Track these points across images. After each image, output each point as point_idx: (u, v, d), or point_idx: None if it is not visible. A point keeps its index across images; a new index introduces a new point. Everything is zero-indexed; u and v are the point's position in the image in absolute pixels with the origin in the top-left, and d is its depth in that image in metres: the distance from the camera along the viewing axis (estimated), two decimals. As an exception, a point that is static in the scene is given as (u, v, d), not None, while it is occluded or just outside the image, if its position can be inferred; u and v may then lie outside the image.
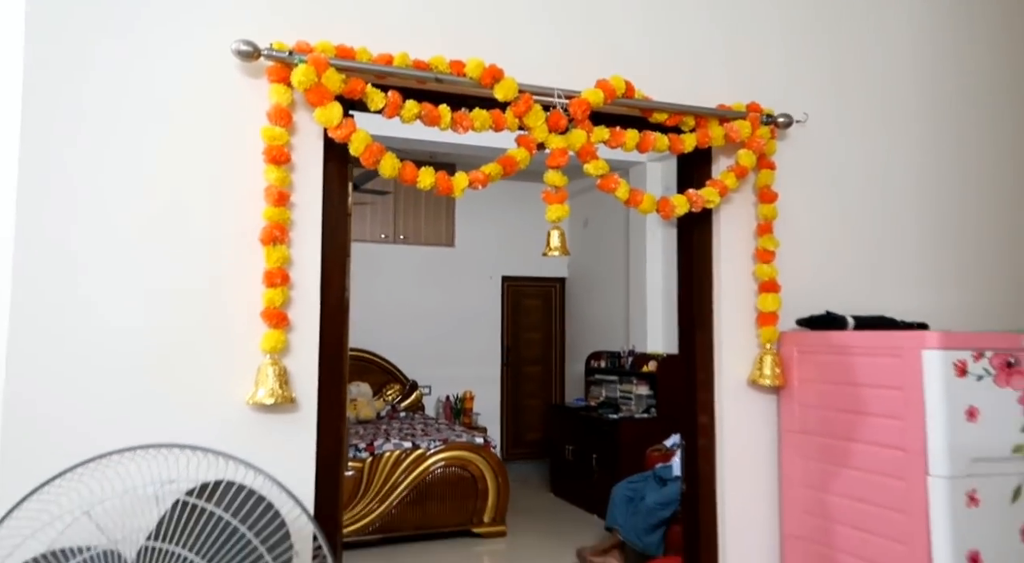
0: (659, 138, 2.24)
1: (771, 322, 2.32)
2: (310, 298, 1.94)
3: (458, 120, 2.04)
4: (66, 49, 1.76)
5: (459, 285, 7.05)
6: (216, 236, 1.86)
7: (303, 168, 1.95)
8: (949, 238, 2.74)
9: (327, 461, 1.95)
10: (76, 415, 1.68)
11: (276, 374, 1.83)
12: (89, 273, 1.75)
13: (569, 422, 5.90)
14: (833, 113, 2.57)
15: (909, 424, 1.85)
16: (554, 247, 2.16)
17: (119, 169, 1.79)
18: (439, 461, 4.79)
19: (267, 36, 1.88)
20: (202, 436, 1.71)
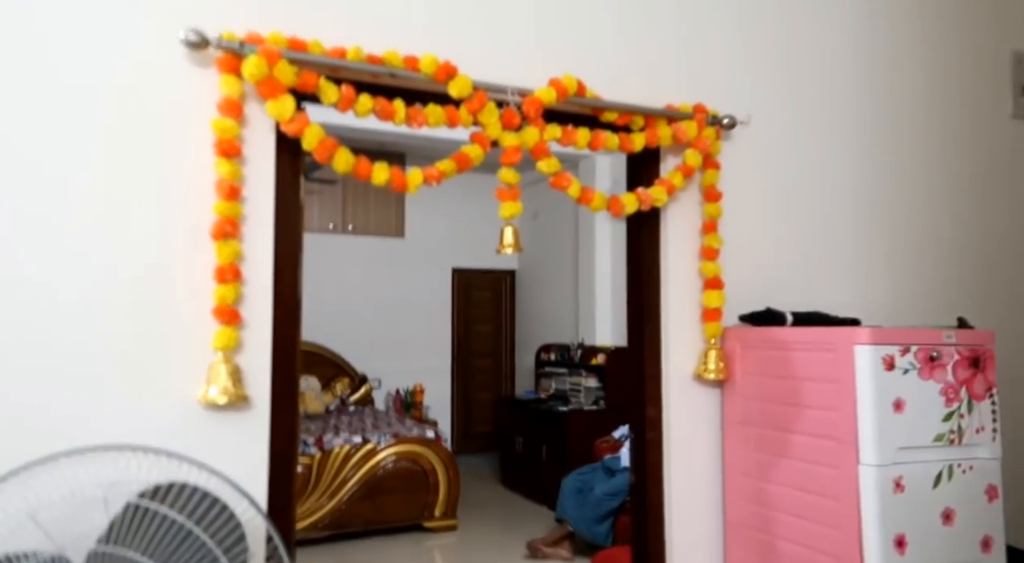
0: (610, 137, 2.29)
1: (715, 318, 2.41)
2: (263, 294, 1.92)
3: (412, 116, 2.04)
4: (5, 28, 1.69)
5: (409, 276, 7.01)
6: (165, 231, 1.82)
7: (255, 161, 1.92)
8: (880, 236, 2.88)
9: (280, 459, 1.94)
10: (21, 416, 1.63)
11: (228, 372, 1.81)
12: (29, 269, 1.69)
13: (519, 414, 5.97)
14: (775, 115, 2.67)
15: (842, 415, 1.96)
16: (507, 244, 2.19)
17: (62, 158, 1.74)
18: (390, 455, 4.78)
19: (217, 25, 1.84)
20: (154, 435, 1.68)
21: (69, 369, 1.70)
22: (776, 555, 2.17)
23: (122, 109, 1.80)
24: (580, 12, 2.39)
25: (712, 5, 2.61)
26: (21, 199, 1.70)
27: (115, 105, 1.80)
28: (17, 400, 1.64)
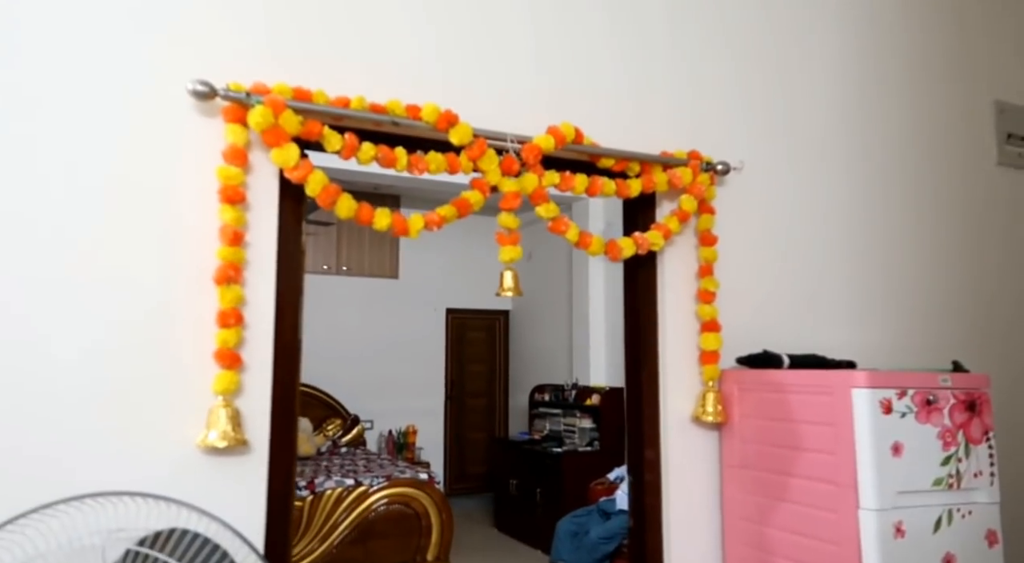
0: (606, 183, 2.34)
1: (713, 360, 2.43)
2: (263, 338, 1.92)
3: (414, 163, 2.08)
4: (20, 76, 1.73)
5: (403, 317, 7.01)
6: (169, 275, 1.84)
7: (258, 207, 1.95)
8: (874, 279, 2.93)
9: (278, 502, 1.93)
10: (18, 461, 1.61)
11: (228, 416, 1.80)
12: (34, 311, 1.69)
13: (513, 456, 5.91)
14: (769, 161, 2.74)
15: (840, 459, 1.96)
16: (507, 288, 2.22)
17: (70, 205, 1.76)
18: (382, 498, 4.71)
19: (223, 76, 1.89)
20: (153, 480, 1.67)
21: (69, 414, 1.69)
22: (778, 602, 2.15)
23: (130, 157, 1.83)
24: (578, 61, 2.46)
25: (707, 55, 2.69)
26: (28, 242, 1.71)
27: (123, 153, 1.83)
28: (14, 446, 1.62)
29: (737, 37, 2.77)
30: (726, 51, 2.74)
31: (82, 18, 1.81)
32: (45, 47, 1.77)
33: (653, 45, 2.60)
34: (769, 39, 2.84)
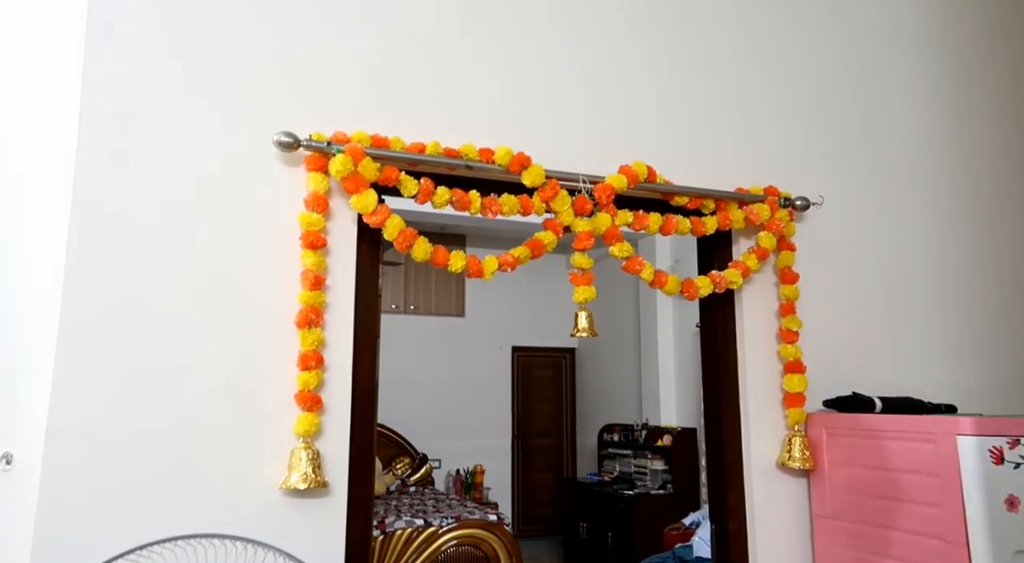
0: (681, 221, 2.30)
1: (798, 403, 2.32)
2: (342, 380, 1.95)
3: (488, 205, 2.10)
4: (113, 134, 1.83)
5: (469, 355, 7.03)
6: (253, 319, 1.89)
7: (337, 252, 2.00)
8: (970, 315, 2.76)
9: (357, 545, 1.93)
10: (110, 506, 1.67)
11: (309, 458, 1.82)
12: (126, 358, 1.76)
13: (582, 498, 5.78)
14: (850, 194, 2.65)
15: (947, 513, 1.83)
16: (582, 328, 2.19)
17: (161, 255, 1.84)
18: (452, 539, 4.66)
19: (305, 126, 1.96)
20: (238, 521, 1.70)
21: (161, 461, 1.74)
22: None
23: (218, 206, 1.91)
24: (650, 99, 2.46)
25: (782, 89, 2.64)
26: (126, 291, 1.79)
27: (212, 202, 1.90)
28: (107, 491, 1.67)
29: (815, 70, 2.71)
30: (803, 84, 2.68)
31: (176, 81, 1.92)
32: (136, 99, 1.87)
33: (726, 80, 2.57)
34: (848, 71, 2.77)
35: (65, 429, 1.67)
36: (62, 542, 1.60)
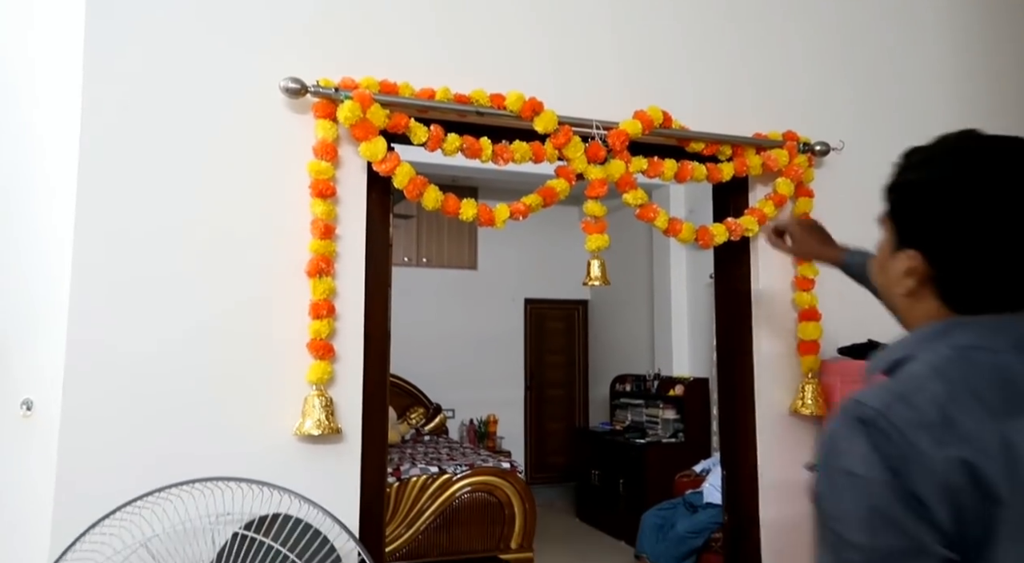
0: (697, 168, 2.26)
1: (812, 351, 2.31)
2: (354, 329, 1.96)
3: (499, 152, 2.06)
4: (120, 87, 1.81)
5: (482, 308, 7.06)
6: (263, 267, 1.89)
7: (347, 201, 1.98)
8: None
9: (371, 490, 1.96)
10: (128, 451, 1.70)
11: (322, 405, 1.84)
12: (138, 310, 1.78)
13: (594, 446, 5.87)
14: (870, 139, 2.57)
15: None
16: (595, 277, 2.17)
17: (170, 202, 1.83)
18: (465, 486, 4.76)
19: (313, 73, 1.92)
20: (252, 467, 1.73)
21: (173, 403, 1.77)
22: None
23: (226, 154, 1.89)
24: (664, 43, 2.38)
25: (802, 30, 2.55)
26: (135, 241, 1.79)
27: (220, 150, 1.89)
28: (125, 436, 1.71)
29: (836, 10, 2.61)
30: (824, 27, 2.58)
31: (182, 29, 1.88)
32: (142, 46, 1.84)
33: (743, 22, 2.48)
34: (871, 11, 2.66)
35: (82, 376, 1.70)
36: (83, 485, 1.64)
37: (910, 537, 0.76)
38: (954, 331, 0.87)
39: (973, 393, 0.80)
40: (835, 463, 0.83)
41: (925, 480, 0.76)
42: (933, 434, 0.77)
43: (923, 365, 0.85)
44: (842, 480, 0.81)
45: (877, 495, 0.77)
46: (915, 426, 0.78)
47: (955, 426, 0.78)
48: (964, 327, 0.87)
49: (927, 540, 0.75)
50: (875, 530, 0.78)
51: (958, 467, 0.76)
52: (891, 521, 0.76)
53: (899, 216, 0.94)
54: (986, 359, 0.84)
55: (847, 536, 0.80)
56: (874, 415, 0.80)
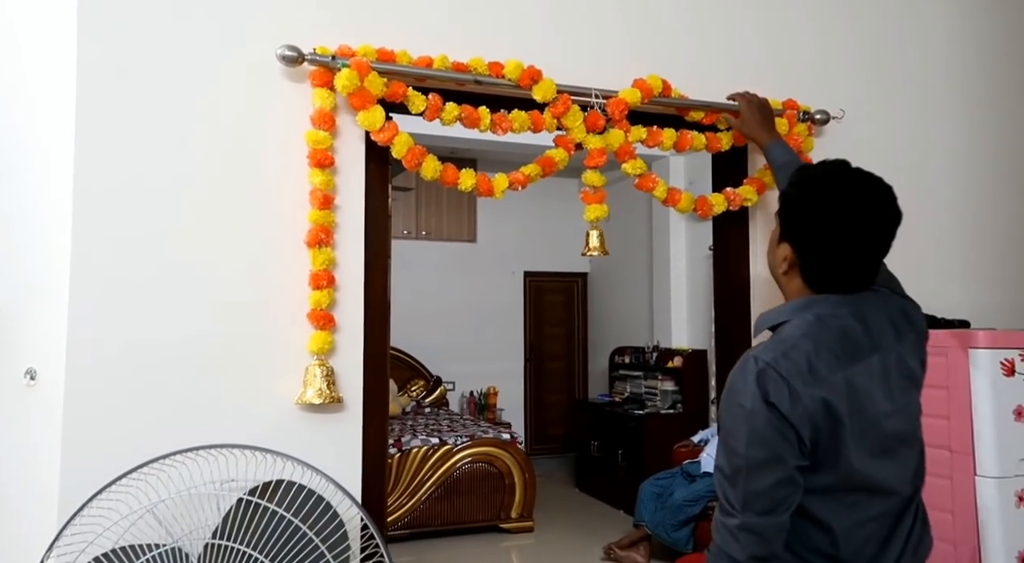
0: (696, 137, 2.25)
1: (810, 320, 2.32)
2: (354, 299, 1.96)
3: (498, 121, 2.05)
4: (115, 53, 1.80)
5: (481, 281, 7.07)
6: (262, 239, 1.89)
7: (346, 171, 1.97)
8: (987, 235, 2.71)
9: (373, 459, 1.99)
10: (132, 419, 1.72)
11: (323, 374, 1.86)
12: (139, 278, 1.78)
13: (594, 418, 5.92)
14: (870, 109, 2.56)
15: (955, 424, 1.85)
16: (593, 247, 2.18)
17: (167, 171, 1.83)
18: (466, 457, 4.82)
19: (310, 41, 1.90)
20: (255, 435, 1.74)
21: (176, 372, 1.78)
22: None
23: (224, 122, 1.88)
24: (663, 12, 2.35)
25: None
26: (133, 213, 1.79)
27: (217, 119, 1.88)
28: (130, 404, 1.73)
29: (837, -26, 2.57)
30: (825, -9, 2.55)
31: None
32: (136, 12, 1.82)
33: (745, -12, 2.44)
34: (873, -25, 2.62)
35: (84, 344, 1.71)
36: (89, 452, 1.66)
37: (774, 451, 1.11)
38: (815, 304, 1.22)
39: (828, 349, 1.15)
40: (733, 399, 1.17)
41: (798, 411, 1.11)
42: (804, 379, 1.12)
43: (796, 328, 1.19)
44: (737, 411, 1.15)
45: (756, 422, 1.12)
46: (793, 374, 1.12)
47: (817, 373, 1.13)
48: (821, 301, 1.22)
49: (785, 453, 1.11)
50: (752, 445, 1.12)
51: (819, 402, 1.12)
52: (763, 439, 1.12)
53: (781, 217, 1.28)
54: (836, 324, 1.19)
55: (735, 447, 1.15)
56: (765, 367, 1.14)
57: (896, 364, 1.22)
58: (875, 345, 1.20)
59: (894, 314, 1.27)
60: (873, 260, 1.24)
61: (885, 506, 1.19)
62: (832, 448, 1.13)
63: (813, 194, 1.23)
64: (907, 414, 1.23)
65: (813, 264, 1.23)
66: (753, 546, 1.11)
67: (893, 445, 1.20)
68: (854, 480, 1.16)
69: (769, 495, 1.11)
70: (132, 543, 1.41)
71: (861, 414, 1.15)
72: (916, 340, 1.29)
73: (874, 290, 1.28)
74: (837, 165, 1.30)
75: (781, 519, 1.12)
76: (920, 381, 1.27)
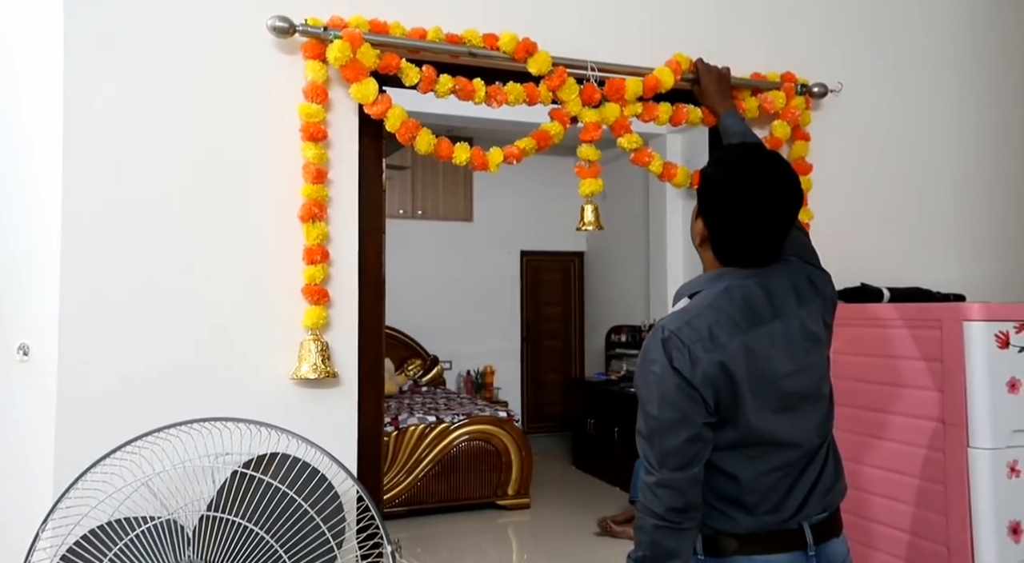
0: (692, 111, 2.23)
1: (805, 295, 2.32)
2: (349, 274, 1.96)
3: (492, 94, 2.03)
4: (102, 24, 1.77)
5: (478, 260, 7.06)
6: (255, 213, 1.88)
7: (339, 145, 1.96)
8: (984, 209, 2.71)
9: (369, 434, 1.99)
10: (129, 391, 1.72)
11: (318, 349, 1.85)
12: (131, 252, 1.77)
13: (590, 396, 5.95)
14: (869, 82, 2.54)
15: (949, 396, 1.85)
16: (588, 222, 2.17)
17: (158, 145, 1.81)
18: (463, 435, 4.84)
19: (301, 12, 1.87)
20: (248, 410, 1.74)
21: (171, 347, 1.77)
22: (873, 539, 2.09)
23: (214, 95, 1.86)
24: (660, -19, 2.32)
25: (799, -32, 2.48)
26: (124, 186, 1.77)
27: (208, 91, 1.85)
28: (124, 378, 1.73)
29: (837, -55, 2.53)
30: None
31: (163, -43, 1.82)
32: (130, -11, 1.79)
33: (743, -42, 2.41)
34: (873, -54, 2.59)
35: (77, 319, 1.70)
36: (83, 427, 1.66)
37: (682, 412, 1.23)
38: (725, 276, 1.34)
39: (729, 317, 1.27)
40: (645, 365, 1.28)
41: (699, 374, 1.23)
42: (704, 345, 1.24)
43: (704, 298, 1.32)
44: (649, 375, 1.27)
45: (665, 385, 1.24)
46: (695, 341, 1.25)
47: (716, 339, 1.25)
48: (730, 274, 1.34)
49: (692, 413, 1.24)
50: (663, 407, 1.24)
51: (717, 366, 1.24)
52: (672, 402, 1.24)
53: (698, 193, 1.38)
54: (740, 293, 1.30)
55: (649, 410, 1.27)
56: (670, 335, 1.26)
57: (799, 328, 1.32)
58: (777, 311, 1.31)
59: (799, 282, 1.36)
60: (774, 238, 1.32)
61: (789, 457, 1.30)
62: (733, 407, 1.26)
63: (721, 175, 1.33)
64: (810, 374, 1.33)
65: (720, 240, 1.34)
66: (670, 499, 1.24)
67: (794, 402, 1.31)
68: (755, 435, 1.27)
69: (681, 452, 1.24)
70: (128, 515, 1.41)
71: (759, 375, 1.27)
72: (821, 305, 1.38)
73: (785, 260, 1.38)
74: (747, 149, 1.41)
75: (693, 472, 1.25)
76: (824, 343, 1.38)
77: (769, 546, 1.29)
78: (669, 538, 1.25)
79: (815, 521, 1.33)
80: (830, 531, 1.36)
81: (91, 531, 1.39)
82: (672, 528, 1.25)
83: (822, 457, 1.37)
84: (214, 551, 1.41)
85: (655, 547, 1.26)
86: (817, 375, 1.36)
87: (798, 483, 1.32)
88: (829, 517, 1.37)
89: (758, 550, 1.29)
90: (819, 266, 1.47)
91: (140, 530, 1.37)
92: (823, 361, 1.38)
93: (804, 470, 1.33)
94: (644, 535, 1.28)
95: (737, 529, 1.29)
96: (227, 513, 1.40)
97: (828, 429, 1.39)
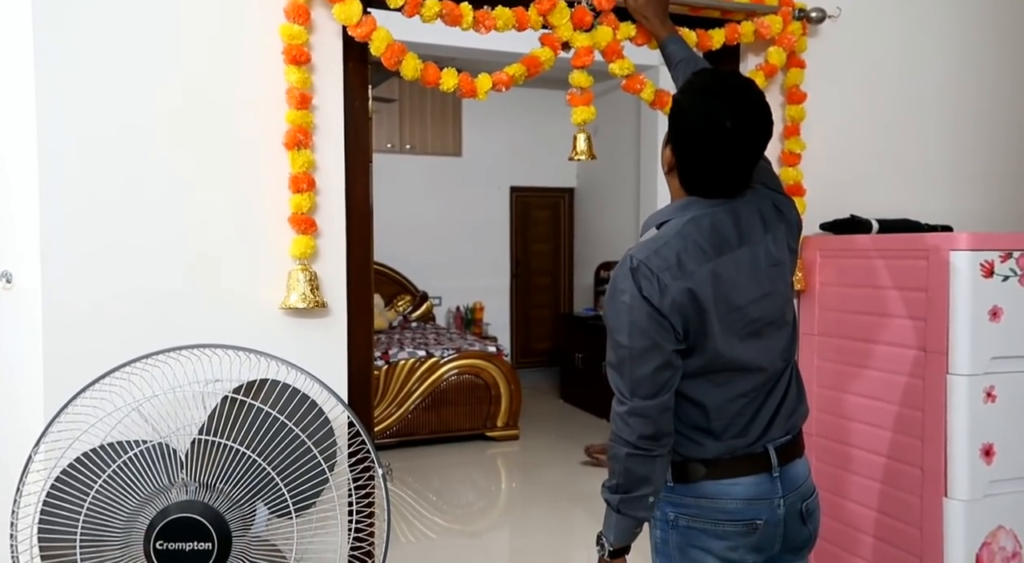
0: (686, 34, 2.16)
1: (795, 227, 2.32)
2: (336, 203, 1.93)
3: (480, 19, 1.96)
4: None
5: (467, 195, 7.00)
6: (238, 140, 1.83)
7: (323, 69, 1.89)
8: (974, 142, 2.69)
9: (359, 364, 2.00)
10: (116, 318, 1.71)
11: (307, 279, 1.84)
12: (112, 180, 1.73)
13: (578, 331, 6.01)
14: (868, 7, 2.47)
15: (931, 325, 1.88)
16: (580, 151, 2.14)
17: (137, 71, 1.74)
18: (453, 369, 4.91)
19: (280, -74, 1.78)
20: (237, 339, 1.74)
21: (159, 274, 1.76)
22: (853, 464, 2.15)
23: (194, 19, 1.78)
24: None
25: None
26: (102, 112, 1.72)
27: (187, 12, 1.77)
28: (111, 304, 1.71)
29: None
30: None
31: None
32: None
33: None
34: None
35: (59, 246, 1.68)
36: (71, 353, 1.65)
37: (652, 339, 1.25)
38: (692, 206, 1.35)
39: (696, 244, 1.28)
40: (615, 295, 1.29)
41: (667, 302, 1.25)
42: (672, 273, 1.25)
43: (672, 227, 1.32)
44: (618, 305, 1.28)
45: (635, 314, 1.25)
46: (663, 269, 1.26)
47: (684, 267, 1.26)
48: (697, 203, 1.34)
49: (662, 340, 1.25)
50: (633, 336, 1.26)
51: (686, 293, 1.25)
52: (642, 330, 1.25)
53: (669, 120, 1.37)
54: (707, 222, 1.31)
55: (619, 339, 1.28)
56: (638, 264, 1.27)
57: (764, 254, 1.33)
58: (744, 239, 1.32)
59: (764, 208, 1.37)
60: (742, 170, 1.31)
61: (754, 382, 1.33)
62: (700, 333, 1.27)
63: (691, 103, 1.31)
64: (775, 299, 1.35)
65: (688, 170, 1.34)
66: (641, 427, 1.26)
67: (759, 328, 1.33)
68: (721, 361, 1.29)
69: (652, 379, 1.25)
70: (120, 439, 1.43)
71: (727, 302, 1.28)
72: (787, 230, 1.40)
73: (752, 188, 1.38)
74: (719, 76, 1.38)
75: (663, 399, 1.27)
76: (789, 269, 1.40)
77: (736, 470, 1.33)
78: (641, 465, 1.27)
79: (779, 444, 1.36)
80: (793, 452, 1.40)
81: (84, 454, 1.41)
82: (644, 455, 1.27)
83: (786, 381, 1.39)
84: (207, 474, 1.44)
85: (628, 474, 1.28)
86: (782, 300, 1.37)
87: (763, 407, 1.34)
88: (792, 439, 1.40)
89: (725, 475, 1.32)
90: (782, 192, 1.48)
91: (133, 452, 1.39)
92: (787, 287, 1.40)
93: (769, 394, 1.35)
94: (617, 463, 1.30)
95: (705, 454, 1.32)
96: (219, 437, 1.41)
97: (792, 354, 1.41)
